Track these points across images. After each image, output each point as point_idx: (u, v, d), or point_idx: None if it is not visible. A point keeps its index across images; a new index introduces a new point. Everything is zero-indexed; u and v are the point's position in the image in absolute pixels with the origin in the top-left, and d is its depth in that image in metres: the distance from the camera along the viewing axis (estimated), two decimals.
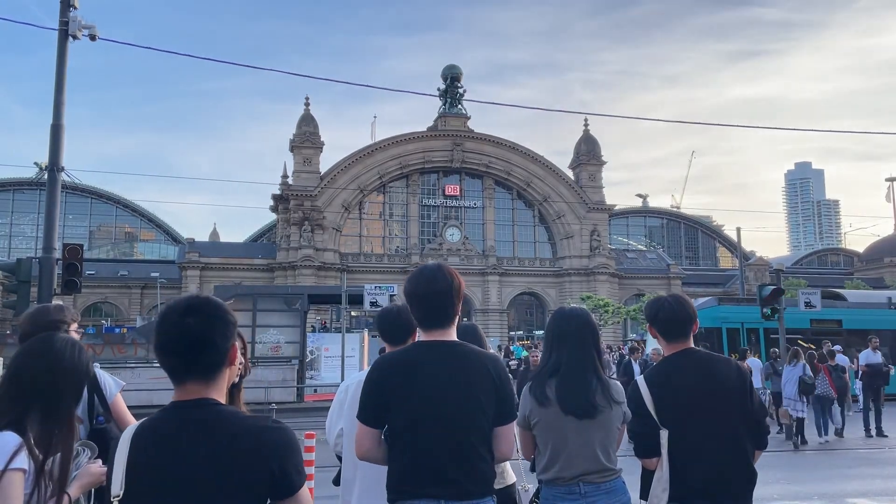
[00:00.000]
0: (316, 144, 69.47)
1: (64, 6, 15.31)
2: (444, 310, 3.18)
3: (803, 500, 10.27)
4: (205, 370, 2.22)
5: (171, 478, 2.10)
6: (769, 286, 19.28)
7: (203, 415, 2.18)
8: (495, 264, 71.72)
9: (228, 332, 2.26)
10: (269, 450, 2.15)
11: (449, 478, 2.99)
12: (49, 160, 15.43)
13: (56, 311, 3.64)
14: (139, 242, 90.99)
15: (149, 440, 2.17)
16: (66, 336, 3.00)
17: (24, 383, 2.72)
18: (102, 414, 3.52)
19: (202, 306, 2.24)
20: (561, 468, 3.57)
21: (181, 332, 2.19)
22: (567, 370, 3.64)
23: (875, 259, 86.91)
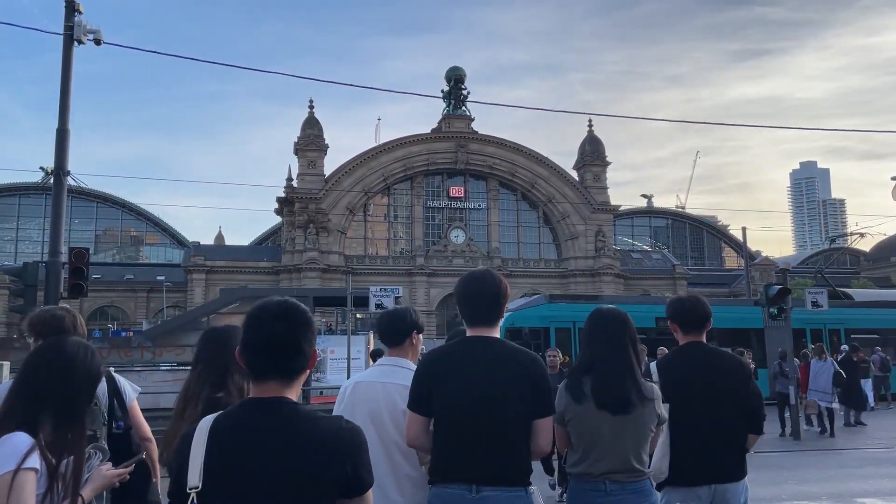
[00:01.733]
0: (320, 147, 69.57)
1: (69, 11, 15.36)
2: (490, 309, 3.49)
3: (812, 500, 10.22)
4: (289, 373, 2.34)
5: (249, 472, 2.18)
6: (776, 286, 19.22)
7: (281, 413, 2.27)
8: (500, 266, 71.63)
9: (313, 338, 2.40)
10: (345, 450, 2.25)
11: (480, 465, 3.20)
12: (55, 164, 15.48)
13: (77, 318, 3.70)
14: (145, 246, 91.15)
15: (227, 434, 2.25)
16: (79, 339, 3.02)
17: (37, 386, 2.75)
18: (122, 419, 3.56)
19: (292, 312, 2.36)
20: (590, 464, 3.69)
21: (271, 336, 2.32)
22: (602, 367, 3.79)
23: (881, 258, 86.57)
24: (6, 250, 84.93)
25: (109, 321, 69.58)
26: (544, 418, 3.35)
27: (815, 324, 26.71)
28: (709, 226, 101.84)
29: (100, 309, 70.72)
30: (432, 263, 70.90)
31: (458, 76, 76.26)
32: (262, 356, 2.33)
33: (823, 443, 16.14)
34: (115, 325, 67.59)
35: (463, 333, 4.29)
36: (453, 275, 71.87)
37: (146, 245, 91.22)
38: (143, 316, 68.75)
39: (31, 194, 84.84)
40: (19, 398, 2.74)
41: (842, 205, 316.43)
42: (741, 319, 26.12)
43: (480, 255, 72.58)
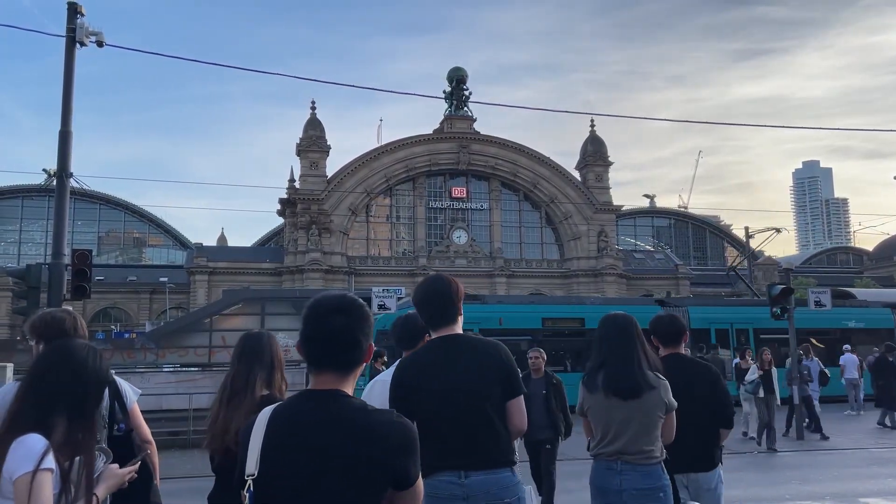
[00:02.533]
0: (322, 148, 69.59)
1: (71, 13, 15.37)
2: (447, 309, 3.71)
3: (815, 500, 10.20)
4: (345, 365, 2.43)
5: (304, 461, 2.26)
6: (779, 285, 19.19)
7: (336, 405, 2.35)
8: (502, 266, 71.65)
9: (370, 331, 2.48)
10: (396, 443, 2.31)
11: (465, 453, 3.45)
12: (57, 166, 15.50)
13: (80, 320, 3.75)
14: (147, 248, 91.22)
15: (284, 425, 2.34)
16: (86, 342, 3.06)
17: (48, 388, 2.77)
18: (123, 421, 3.57)
19: (350, 306, 2.46)
20: (604, 445, 4.26)
21: (329, 329, 2.41)
22: (611, 361, 4.36)
23: (885, 257, 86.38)
24: (9, 252, 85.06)
25: (112, 323, 69.66)
26: (515, 398, 3.56)
27: (720, 323, 26.16)
28: (711, 226, 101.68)
29: (103, 310, 70.81)
30: (434, 264, 70.84)
31: (459, 77, 76.24)
32: (320, 349, 2.43)
33: (826, 443, 16.11)
34: (117, 327, 67.66)
35: None
36: (455, 275, 70.99)
37: (149, 247, 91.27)
38: (146, 317, 68.81)
39: (34, 196, 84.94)
40: (30, 400, 2.75)
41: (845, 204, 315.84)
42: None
43: (483, 256, 72.57)
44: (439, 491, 3.46)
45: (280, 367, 3.94)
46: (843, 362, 22.30)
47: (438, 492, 3.46)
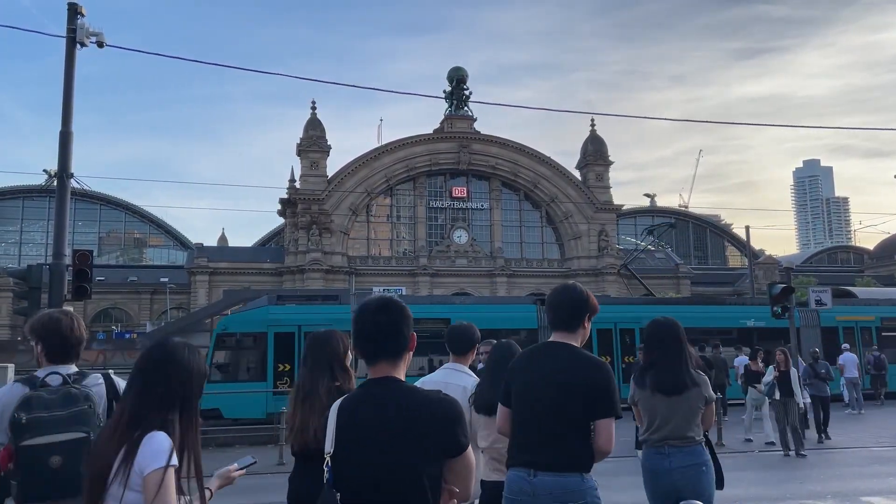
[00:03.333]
0: (323, 148, 69.59)
1: (71, 14, 15.38)
2: (571, 317, 3.97)
3: (817, 499, 10.19)
4: (393, 354, 2.85)
5: (369, 437, 2.69)
6: (779, 284, 19.17)
7: (392, 388, 2.78)
8: (503, 266, 71.64)
9: (410, 325, 2.90)
10: (446, 417, 2.72)
11: (537, 453, 3.70)
12: (58, 167, 15.51)
13: (81, 322, 3.79)
14: (148, 248, 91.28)
15: (352, 409, 2.79)
16: (183, 340, 3.16)
17: (159, 387, 2.88)
18: None
19: (390, 305, 2.90)
20: (652, 433, 4.96)
21: (376, 325, 2.85)
22: (660, 361, 5.02)
23: (886, 256, 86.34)
24: (10, 253, 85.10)
25: (113, 323, 69.73)
26: (604, 419, 3.71)
27: (602, 323, 23.44)
28: (712, 225, 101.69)
29: (104, 311, 70.85)
30: (435, 264, 70.87)
31: (460, 76, 76.24)
32: (371, 343, 2.86)
33: (828, 442, 16.09)
34: (118, 327, 67.74)
35: (503, 345, 5.23)
36: (456, 275, 71.85)
37: (149, 247, 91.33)
38: (147, 318, 68.88)
39: (35, 197, 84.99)
40: (145, 400, 2.85)
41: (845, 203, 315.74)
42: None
43: (483, 256, 72.56)
44: (511, 484, 3.80)
45: (341, 362, 4.34)
46: (843, 361, 22.31)
47: (510, 484, 3.81)
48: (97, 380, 3.61)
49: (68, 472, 3.24)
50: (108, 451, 2.80)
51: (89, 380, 3.59)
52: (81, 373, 3.64)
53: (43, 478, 3.26)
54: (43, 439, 3.25)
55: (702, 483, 4.86)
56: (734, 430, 17.37)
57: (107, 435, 2.85)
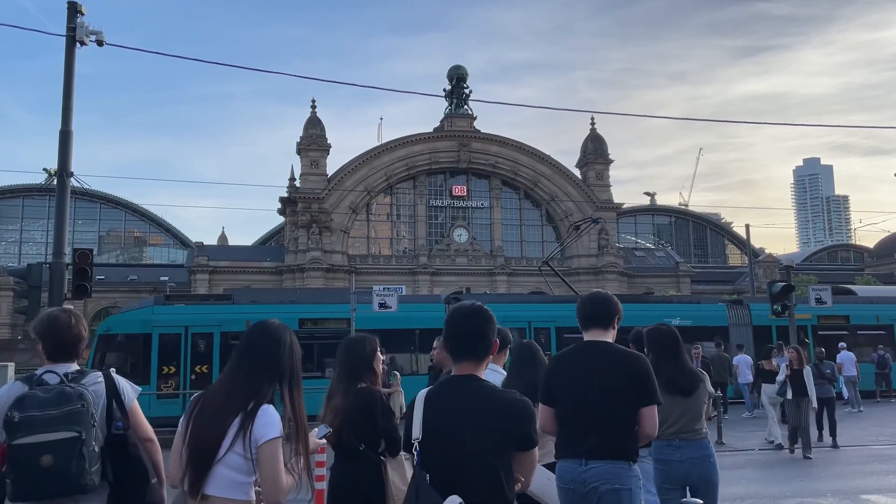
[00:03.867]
0: (323, 147, 69.56)
1: (71, 12, 15.38)
2: (603, 316, 4.34)
3: (817, 498, 10.20)
4: (478, 355, 3.23)
5: (452, 426, 3.07)
6: (779, 283, 19.20)
7: (473, 386, 3.17)
8: (503, 264, 71.63)
9: (494, 331, 3.28)
10: (520, 415, 3.12)
11: (588, 443, 4.00)
12: (58, 166, 15.52)
13: (82, 320, 3.82)
14: (148, 247, 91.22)
15: (437, 400, 3.19)
16: (280, 322, 3.47)
17: (262, 363, 3.24)
18: (121, 420, 3.56)
19: (479, 311, 3.29)
20: (664, 429, 5.24)
21: (465, 329, 3.24)
22: (671, 367, 5.59)
23: (885, 255, 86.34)
24: (10, 252, 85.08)
25: None
26: (648, 407, 4.10)
27: (516, 322, 23.54)
28: (712, 223, 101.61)
29: (104, 310, 70.73)
30: (435, 262, 70.88)
31: (460, 75, 76.21)
32: (459, 344, 3.24)
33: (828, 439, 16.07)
34: None
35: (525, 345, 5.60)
36: (456, 274, 71.79)
37: (150, 246, 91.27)
38: None
39: (35, 196, 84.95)
40: (257, 376, 3.20)
41: (845, 201, 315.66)
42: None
43: (483, 254, 72.57)
44: (564, 474, 4.11)
45: (368, 365, 4.79)
46: (841, 360, 22.33)
47: (563, 474, 4.11)
48: (96, 378, 3.58)
49: (60, 472, 3.22)
50: (219, 421, 3.06)
51: (88, 378, 3.56)
52: (81, 371, 3.62)
53: (34, 477, 3.23)
54: (34, 438, 3.22)
55: (709, 472, 5.42)
56: (734, 428, 17.37)
57: (215, 406, 3.13)
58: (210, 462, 3.03)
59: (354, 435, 4.57)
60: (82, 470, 3.26)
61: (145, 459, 3.55)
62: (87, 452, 3.28)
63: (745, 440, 16.33)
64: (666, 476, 5.48)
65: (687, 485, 5.39)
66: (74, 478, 3.25)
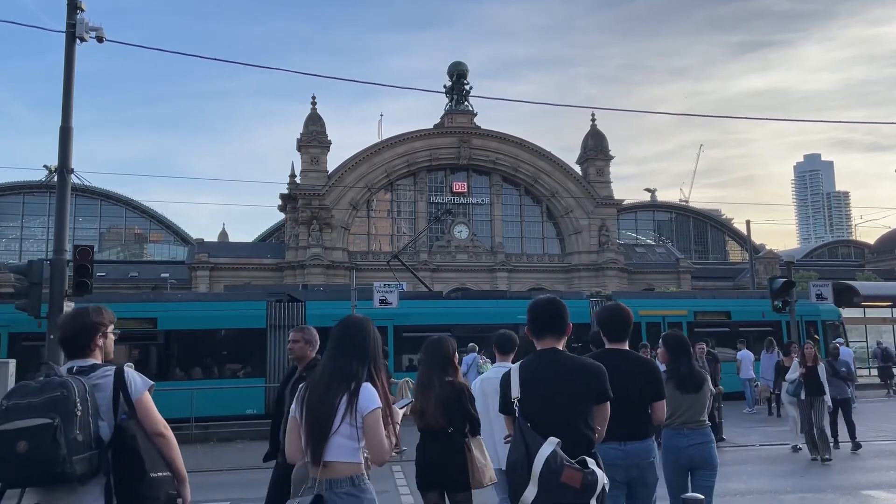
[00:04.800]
0: (323, 143, 69.52)
1: (71, 9, 15.36)
2: (620, 330, 5.34)
3: (817, 493, 10.21)
4: (559, 332, 4.21)
5: (545, 386, 4.00)
6: (780, 278, 19.19)
7: (560, 355, 4.15)
8: (503, 261, 71.63)
9: (568, 315, 4.27)
10: (598, 373, 4.08)
11: (624, 428, 4.86)
12: (58, 163, 15.51)
13: (96, 313, 3.86)
14: (149, 244, 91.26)
15: (532, 367, 4.11)
16: (364, 315, 4.22)
17: (364, 350, 3.97)
18: (126, 412, 3.62)
19: (556, 301, 4.32)
20: (674, 419, 6.40)
21: (547, 314, 4.24)
22: (682, 367, 6.70)
23: (886, 251, 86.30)
24: (11, 249, 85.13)
25: None
26: (660, 401, 5.13)
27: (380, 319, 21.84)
28: (713, 219, 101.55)
29: None
30: (436, 259, 70.89)
31: (460, 71, 76.15)
32: (541, 324, 4.23)
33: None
34: None
35: None
36: (457, 270, 71.78)
37: (150, 243, 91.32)
38: None
39: (35, 193, 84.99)
40: (354, 360, 3.91)
41: (846, 197, 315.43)
42: None
43: (484, 251, 72.57)
44: (606, 453, 4.72)
45: (451, 361, 5.93)
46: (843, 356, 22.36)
47: (606, 454, 4.71)
48: (106, 371, 3.66)
49: (34, 459, 3.23)
50: (329, 401, 3.76)
51: (98, 371, 3.64)
52: (93, 365, 3.69)
53: (10, 462, 3.26)
54: (11, 425, 3.25)
55: (711, 454, 6.47)
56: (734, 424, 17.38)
57: (323, 388, 3.82)
58: (327, 435, 3.70)
59: (446, 419, 5.61)
60: (58, 457, 3.24)
61: (143, 451, 3.53)
62: (66, 440, 3.26)
63: (746, 436, 16.35)
64: (676, 462, 6.44)
65: (691, 468, 6.41)
66: (50, 465, 3.24)
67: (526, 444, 3.77)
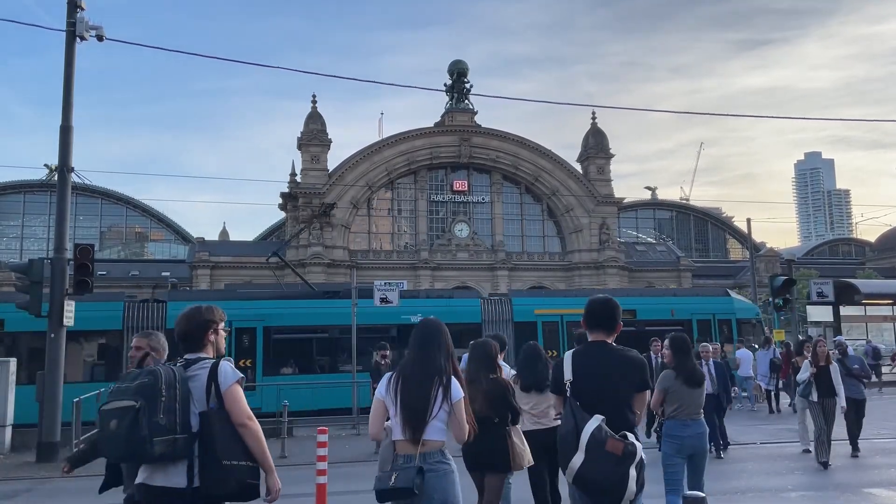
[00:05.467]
0: (323, 142, 69.52)
1: (71, 7, 15.36)
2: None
3: (818, 491, 10.21)
4: (610, 328, 4.79)
5: (594, 371, 4.63)
6: (781, 276, 19.18)
7: (609, 347, 4.75)
8: (504, 259, 71.63)
9: (620, 313, 4.84)
10: (640, 365, 4.70)
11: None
12: (59, 161, 15.52)
13: (207, 312, 4.24)
14: (149, 242, 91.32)
15: (581, 356, 4.77)
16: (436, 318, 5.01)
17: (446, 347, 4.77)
18: (214, 401, 3.93)
19: (609, 300, 4.91)
20: (676, 412, 7.62)
21: (601, 312, 4.82)
22: (686, 365, 7.94)
23: (887, 248, 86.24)
24: (11, 248, 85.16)
25: None
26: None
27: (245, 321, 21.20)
28: (713, 217, 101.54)
29: None
30: (436, 258, 70.90)
31: (460, 70, 76.13)
32: (595, 319, 4.82)
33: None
34: None
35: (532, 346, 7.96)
36: (458, 269, 71.81)
37: (151, 241, 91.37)
38: None
39: (36, 192, 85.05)
40: (442, 357, 4.72)
41: (846, 195, 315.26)
42: None
43: (485, 249, 72.55)
44: None
45: (495, 360, 6.78)
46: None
47: None
48: (204, 364, 4.03)
49: (119, 436, 3.59)
50: (425, 391, 4.55)
51: (198, 364, 4.02)
52: (199, 358, 4.07)
53: (106, 438, 3.70)
54: (109, 405, 3.71)
55: (705, 444, 7.65)
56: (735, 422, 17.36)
57: (417, 382, 4.59)
58: (426, 419, 4.49)
59: (493, 411, 6.33)
60: (138, 437, 3.55)
61: (219, 439, 3.77)
62: (147, 422, 3.57)
63: (747, 434, 16.35)
64: (678, 449, 7.42)
65: (690, 454, 7.40)
66: (131, 443, 3.57)
67: (575, 418, 4.46)
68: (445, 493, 4.46)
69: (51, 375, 14.75)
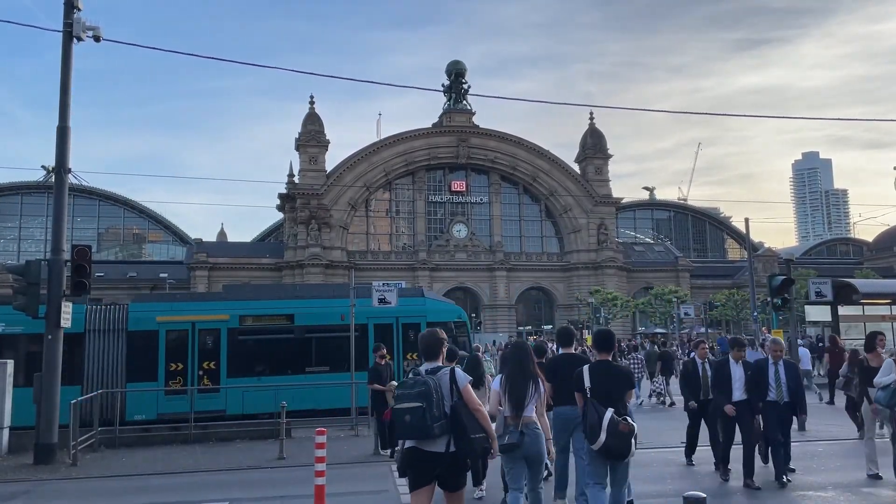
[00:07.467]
0: (321, 143, 69.51)
1: (68, 8, 15.31)
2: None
3: (818, 491, 10.18)
4: (608, 349, 7.58)
5: (607, 379, 7.27)
6: (779, 276, 19.16)
7: (611, 363, 7.53)
8: (503, 259, 71.65)
9: (615, 340, 7.88)
10: (628, 375, 7.60)
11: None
12: (56, 162, 15.46)
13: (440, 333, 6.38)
14: (147, 244, 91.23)
15: (596, 369, 7.37)
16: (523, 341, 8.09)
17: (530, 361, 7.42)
18: (456, 396, 5.87)
19: (608, 332, 7.80)
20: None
21: (603, 339, 7.67)
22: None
23: (885, 248, 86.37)
24: (9, 249, 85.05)
25: None
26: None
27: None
28: (711, 217, 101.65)
29: None
30: (435, 258, 70.88)
31: (458, 70, 76.19)
32: (601, 345, 7.65)
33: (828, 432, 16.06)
34: None
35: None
36: (456, 269, 71.87)
37: (149, 242, 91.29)
38: None
39: (33, 193, 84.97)
40: (530, 365, 7.37)
41: (844, 195, 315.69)
42: None
43: (483, 250, 72.53)
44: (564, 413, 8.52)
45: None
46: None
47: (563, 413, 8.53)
48: (446, 371, 5.99)
49: (414, 425, 5.65)
50: (524, 388, 7.15)
51: (441, 372, 5.97)
52: (439, 366, 6.06)
53: (401, 426, 5.74)
54: (402, 406, 5.74)
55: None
56: None
57: (517, 381, 7.19)
58: (525, 404, 7.10)
59: None
60: (427, 425, 5.61)
61: (465, 420, 5.76)
62: (429, 415, 5.62)
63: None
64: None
65: None
66: (422, 429, 5.64)
67: (597, 411, 6.99)
68: (538, 447, 7.13)
69: (48, 377, 14.70)
